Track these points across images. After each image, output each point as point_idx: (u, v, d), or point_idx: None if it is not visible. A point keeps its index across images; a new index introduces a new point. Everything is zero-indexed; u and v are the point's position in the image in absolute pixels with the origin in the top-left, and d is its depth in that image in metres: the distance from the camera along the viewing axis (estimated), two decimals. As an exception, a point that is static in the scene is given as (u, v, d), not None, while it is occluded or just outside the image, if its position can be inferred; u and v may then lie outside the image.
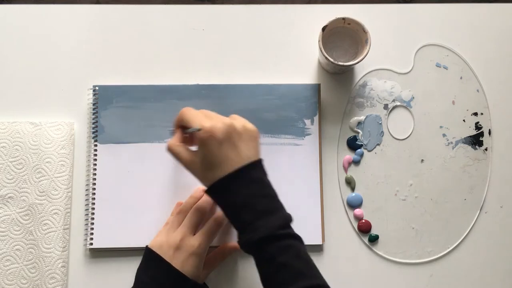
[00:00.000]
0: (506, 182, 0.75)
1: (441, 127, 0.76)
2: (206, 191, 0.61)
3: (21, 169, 0.71)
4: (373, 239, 0.73)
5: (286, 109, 0.74)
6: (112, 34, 0.77)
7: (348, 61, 0.71)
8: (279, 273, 0.57)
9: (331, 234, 0.73)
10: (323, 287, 0.58)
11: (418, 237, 0.74)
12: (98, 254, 0.72)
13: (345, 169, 0.75)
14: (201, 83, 0.75)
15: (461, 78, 0.77)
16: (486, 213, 0.75)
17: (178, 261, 0.63)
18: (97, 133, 0.73)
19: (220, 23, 0.78)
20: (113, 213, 0.71)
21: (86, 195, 0.72)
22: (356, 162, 0.75)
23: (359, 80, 0.76)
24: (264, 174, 0.62)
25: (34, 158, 0.71)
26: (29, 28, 0.76)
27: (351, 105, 0.76)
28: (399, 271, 0.73)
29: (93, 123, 0.73)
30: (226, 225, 0.70)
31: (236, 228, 0.60)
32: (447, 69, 0.77)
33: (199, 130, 0.59)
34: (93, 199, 0.72)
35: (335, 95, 0.76)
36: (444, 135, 0.76)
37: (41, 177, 0.71)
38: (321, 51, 0.69)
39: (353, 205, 0.74)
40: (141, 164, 0.73)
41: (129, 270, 0.67)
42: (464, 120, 0.76)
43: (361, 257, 0.73)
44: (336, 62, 0.69)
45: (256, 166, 0.61)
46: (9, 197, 0.71)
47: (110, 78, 0.75)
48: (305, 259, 0.59)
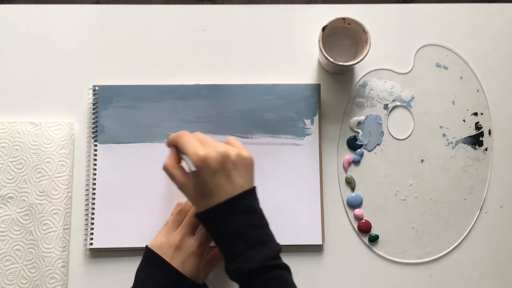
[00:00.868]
0: (506, 182, 0.75)
1: (441, 127, 0.76)
2: (196, 216, 0.61)
3: (21, 169, 0.71)
4: (373, 239, 0.73)
5: (286, 109, 0.74)
6: (112, 34, 0.77)
7: (348, 61, 0.71)
8: None
9: (331, 234, 0.73)
10: None
11: (418, 237, 0.74)
12: (98, 254, 0.72)
13: (345, 169, 0.75)
14: (201, 83, 0.75)
15: (461, 78, 0.77)
16: (486, 213, 0.75)
17: (178, 261, 0.63)
18: (97, 133, 0.73)
19: (220, 23, 0.78)
20: (113, 213, 0.71)
21: (86, 195, 0.72)
22: (356, 162, 0.75)
23: (359, 80, 0.76)
24: (257, 202, 0.61)
25: (34, 158, 0.71)
26: (29, 28, 0.76)
27: (351, 105, 0.76)
28: (399, 271, 0.73)
29: (93, 123, 0.73)
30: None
31: (224, 256, 0.60)
32: (447, 69, 0.77)
33: (194, 171, 0.58)
34: (93, 199, 0.72)
35: (335, 95, 0.76)
36: (444, 135, 0.76)
37: (41, 177, 0.71)
38: (321, 51, 0.69)
39: (353, 205, 0.74)
40: (141, 164, 0.73)
41: (129, 270, 0.67)
42: (464, 120, 0.76)
43: (361, 257, 0.73)
44: (336, 62, 0.69)
45: (249, 195, 0.60)
46: (9, 197, 0.71)
47: (110, 78, 0.75)
48: None
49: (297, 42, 0.77)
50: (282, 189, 0.73)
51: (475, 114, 0.76)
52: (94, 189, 0.72)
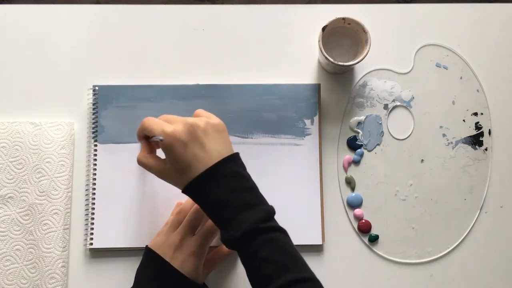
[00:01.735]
0: (506, 182, 0.75)
1: (441, 127, 0.76)
2: (182, 191, 0.60)
3: (21, 169, 0.71)
4: (373, 239, 0.73)
5: (286, 109, 0.74)
6: (112, 34, 0.77)
7: (348, 61, 0.71)
8: (262, 268, 0.56)
9: (331, 234, 0.73)
10: (310, 279, 0.57)
11: (418, 237, 0.74)
12: (98, 254, 0.72)
13: (345, 169, 0.75)
14: (201, 83, 0.75)
15: (461, 78, 0.77)
16: (486, 213, 0.75)
17: (178, 261, 0.63)
18: (97, 133, 0.73)
19: (220, 23, 0.78)
20: (113, 213, 0.71)
21: (86, 195, 0.72)
22: (356, 162, 0.75)
23: (359, 80, 0.76)
24: (242, 167, 0.60)
25: (34, 158, 0.71)
26: (29, 28, 0.76)
27: (351, 105, 0.76)
28: (399, 271, 0.73)
29: (93, 123, 0.73)
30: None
31: (218, 226, 0.59)
32: (447, 69, 0.77)
33: (161, 140, 0.58)
34: (93, 199, 0.72)
35: (335, 95, 0.76)
36: (444, 135, 0.76)
37: (41, 177, 0.71)
38: (321, 51, 0.69)
39: (353, 205, 0.74)
40: (141, 164, 0.73)
41: (129, 270, 0.67)
42: (464, 120, 0.76)
43: (361, 257, 0.73)
44: (336, 62, 0.69)
45: (230, 161, 0.59)
46: (9, 197, 0.71)
47: (110, 78, 0.75)
48: (289, 251, 0.58)
49: (297, 42, 0.77)
50: (282, 189, 0.73)
51: (475, 114, 0.76)
52: (94, 189, 0.72)
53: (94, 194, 0.72)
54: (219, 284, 0.72)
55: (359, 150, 0.75)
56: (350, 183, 0.74)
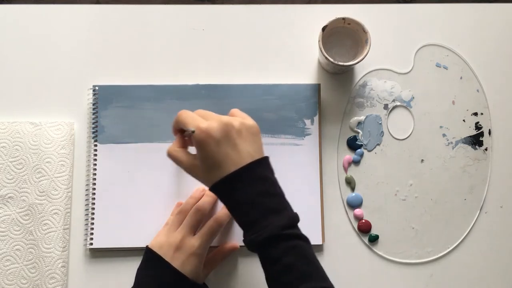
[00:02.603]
0: (506, 182, 0.75)
1: (441, 127, 0.76)
2: (210, 189, 0.60)
3: (21, 169, 0.71)
4: (373, 239, 0.73)
5: (286, 109, 0.74)
6: (112, 34, 0.77)
7: (348, 61, 0.71)
8: (284, 274, 0.56)
9: (331, 234, 0.73)
10: None
11: (418, 237, 0.74)
12: (98, 254, 0.72)
13: (345, 169, 0.75)
14: (201, 83, 0.75)
15: (461, 78, 0.77)
16: (486, 213, 0.75)
17: (178, 261, 0.63)
18: (97, 133, 0.73)
19: (220, 23, 0.78)
20: (113, 213, 0.71)
21: (86, 195, 0.72)
22: (356, 162, 0.75)
23: (359, 80, 0.76)
24: (270, 171, 0.60)
25: (34, 158, 0.71)
26: (29, 28, 0.76)
27: (351, 105, 0.76)
28: (399, 271, 0.73)
29: (93, 123, 0.73)
30: (226, 225, 0.70)
31: (241, 227, 0.59)
32: (447, 69, 0.77)
33: (193, 132, 0.58)
34: (93, 199, 0.72)
35: (335, 95, 0.76)
36: (444, 135, 0.76)
37: (41, 177, 0.71)
38: (321, 51, 0.69)
39: (353, 205, 0.74)
40: (141, 164, 0.72)
41: (129, 270, 0.67)
42: (464, 120, 0.76)
43: (361, 257, 0.73)
44: (336, 62, 0.69)
45: (260, 164, 0.59)
46: (9, 197, 0.71)
47: (110, 78, 0.75)
48: (311, 260, 0.58)
49: (297, 42, 0.77)
50: (282, 189, 0.73)
51: (475, 114, 0.76)
52: (94, 189, 0.72)
53: (94, 194, 0.72)
54: (219, 284, 0.72)
55: (359, 150, 0.75)
56: (350, 183, 0.74)
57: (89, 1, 1.38)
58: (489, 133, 0.76)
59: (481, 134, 0.76)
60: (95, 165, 0.72)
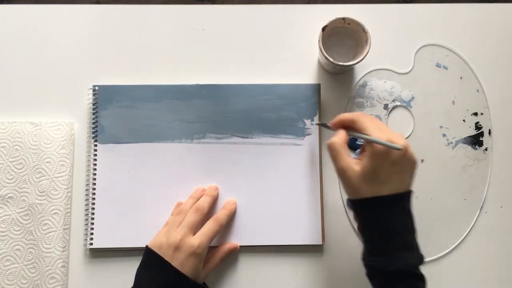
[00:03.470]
0: (506, 182, 0.75)
1: (441, 127, 0.76)
2: (353, 201, 0.60)
3: (21, 169, 0.71)
4: (373, 239, 0.73)
5: (286, 109, 0.74)
6: (112, 34, 0.77)
7: (348, 61, 0.71)
8: None
9: (331, 234, 0.73)
10: None
11: (418, 237, 0.73)
12: (98, 254, 0.72)
13: (345, 169, 0.74)
14: (201, 83, 0.75)
15: (461, 78, 0.77)
16: (486, 213, 0.75)
17: (178, 261, 0.63)
18: (97, 133, 0.73)
19: (220, 23, 0.78)
20: (113, 213, 0.71)
21: (86, 195, 0.72)
22: (356, 162, 0.75)
23: (359, 80, 0.76)
24: (411, 206, 0.61)
25: (34, 158, 0.71)
26: (29, 28, 0.76)
27: (351, 105, 0.76)
28: (399, 271, 0.73)
29: (93, 123, 0.73)
30: (226, 225, 0.70)
31: (367, 247, 0.60)
32: (447, 69, 0.77)
33: (398, 149, 0.57)
34: (93, 199, 0.72)
35: (335, 95, 0.76)
36: (444, 135, 0.76)
37: (41, 177, 0.71)
38: (321, 51, 0.69)
39: (353, 205, 0.74)
40: (141, 164, 0.73)
41: (129, 270, 0.67)
42: (464, 120, 0.76)
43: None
44: (336, 62, 0.69)
45: (410, 197, 0.60)
46: (9, 197, 0.71)
47: (110, 78, 0.75)
48: None
49: (297, 42, 0.77)
50: (282, 189, 0.73)
51: (475, 114, 0.76)
52: (94, 189, 0.72)
53: (94, 194, 0.72)
54: (219, 284, 0.72)
55: (359, 150, 0.75)
56: (350, 183, 0.74)
57: (89, 1, 1.38)
58: (489, 133, 0.76)
59: (481, 134, 0.76)
60: (95, 165, 0.72)
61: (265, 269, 0.72)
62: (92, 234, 0.71)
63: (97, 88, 0.74)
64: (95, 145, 0.73)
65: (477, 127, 0.76)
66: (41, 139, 0.72)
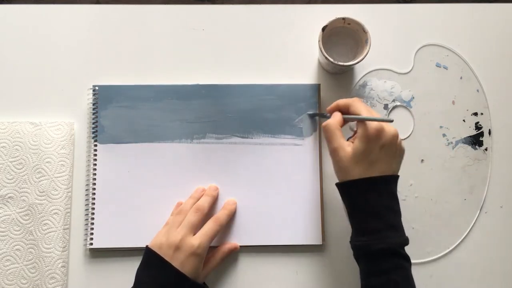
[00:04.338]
0: (506, 182, 0.75)
1: (441, 127, 0.76)
2: (342, 184, 0.63)
3: (21, 169, 0.71)
4: (373, 239, 0.73)
5: (286, 109, 0.74)
6: (112, 34, 0.77)
7: (348, 61, 0.71)
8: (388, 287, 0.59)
9: (331, 234, 0.73)
10: None
11: (418, 237, 0.74)
12: (98, 254, 0.72)
13: (345, 169, 0.74)
14: (201, 83, 0.75)
15: (461, 78, 0.77)
16: (486, 213, 0.75)
17: (178, 261, 0.63)
18: (97, 133, 0.73)
19: (220, 23, 0.78)
20: (113, 213, 0.71)
21: (86, 195, 0.72)
22: (356, 162, 0.75)
23: (359, 80, 0.76)
24: (396, 190, 0.63)
25: (34, 158, 0.71)
26: (29, 28, 0.76)
27: (351, 105, 0.76)
28: (399, 271, 0.73)
29: (93, 123, 0.73)
30: (226, 225, 0.70)
31: (354, 230, 0.62)
32: (447, 69, 0.77)
33: (391, 121, 0.60)
34: (93, 199, 0.72)
35: (335, 95, 0.76)
36: (444, 135, 0.76)
37: (41, 177, 0.71)
38: (321, 51, 0.69)
39: (353, 205, 0.74)
40: (141, 164, 0.73)
41: (129, 270, 0.67)
42: (464, 120, 0.76)
43: (361, 257, 0.73)
44: (336, 62, 0.69)
45: (395, 180, 0.63)
46: (9, 197, 0.71)
47: (110, 78, 0.75)
48: (411, 284, 0.60)
49: (297, 42, 0.77)
50: (282, 189, 0.73)
51: (475, 114, 0.76)
52: (94, 189, 0.72)
53: (94, 194, 0.72)
54: (219, 284, 0.72)
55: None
56: (350, 183, 0.74)
57: (89, 1, 1.38)
58: (489, 133, 0.76)
59: (481, 134, 0.76)
60: (95, 165, 0.72)
61: (265, 269, 0.72)
62: (92, 234, 0.71)
63: (97, 88, 0.74)
64: (95, 145, 0.73)
65: (477, 127, 0.76)
66: (41, 139, 0.72)
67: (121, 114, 0.73)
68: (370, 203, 0.61)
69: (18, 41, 0.76)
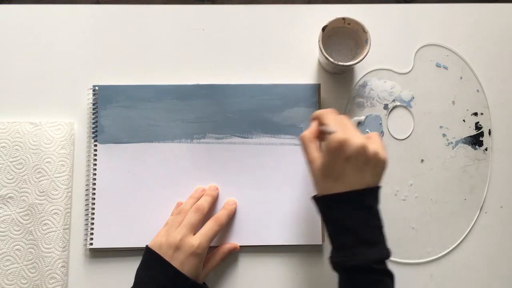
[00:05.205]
0: (506, 182, 0.75)
1: (441, 127, 0.76)
2: (313, 198, 0.62)
3: (21, 169, 0.71)
4: (373, 239, 0.73)
5: (286, 109, 0.74)
6: (112, 34, 0.77)
7: (348, 61, 0.71)
8: None
9: (331, 234, 0.73)
10: None
11: (418, 237, 0.74)
12: (98, 254, 0.72)
13: (345, 169, 0.74)
14: (201, 83, 0.75)
15: (461, 78, 0.77)
16: (486, 213, 0.75)
17: (178, 261, 0.63)
18: (97, 133, 0.73)
19: (220, 23, 0.78)
20: (113, 213, 0.71)
21: (86, 195, 0.72)
22: (356, 162, 0.75)
23: (359, 80, 0.76)
24: (377, 202, 0.60)
25: (34, 158, 0.71)
26: (29, 28, 0.76)
27: (351, 105, 0.76)
28: (398, 271, 0.73)
29: (93, 123, 0.73)
30: (226, 225, 0.70)
31: (333, 245, 0.60)
32: (447, 69, 0.77)
33: (332, 132, 0.58)
34: (93, 199, 0.72)
35: (335, 95, 0.76)
36: (444, 135, 0.76)
37: (41, 177, 0.71)
38: (321, 51, 0.69)
39: (353, 205, 0.74)
40: (141, 164, 0.73)
41: (129, 270, 0.67)
42: (464, 120, 0.76)
43: (361, 257, 0.73)
44: (336, 62, 0.69)
45: (372, 193, 0.59)
46: (9, 197, 0.71)
47: (110, 78, 0.75)
48: None
49: (297, 42, 0.77)
50: (282, 189, 0.73)
51: (475, 114, 0.76)
52: (94, 189, 0.72)
53: (94, 194, 0.72)
54: (219, 284, 0.72)
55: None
56: (350, 183, 0.74)
57: (89, 1, 1.38)
58: (489, 133, 0.76)
59: (481, 134, 0.76)
60: (95, 165, 0.72)
61: (265, 269, 0.72)
62: (92, 234, 0.71)
63: (97, 88, 0.74)
64: (95, 145, 0.73)
65: (477, 127, 0.76)
66: (41, 139, 0.72)
67: (121, 114, 0.73)
68: (338, 220, 0.59)
69: (18, 41, 0.76)
